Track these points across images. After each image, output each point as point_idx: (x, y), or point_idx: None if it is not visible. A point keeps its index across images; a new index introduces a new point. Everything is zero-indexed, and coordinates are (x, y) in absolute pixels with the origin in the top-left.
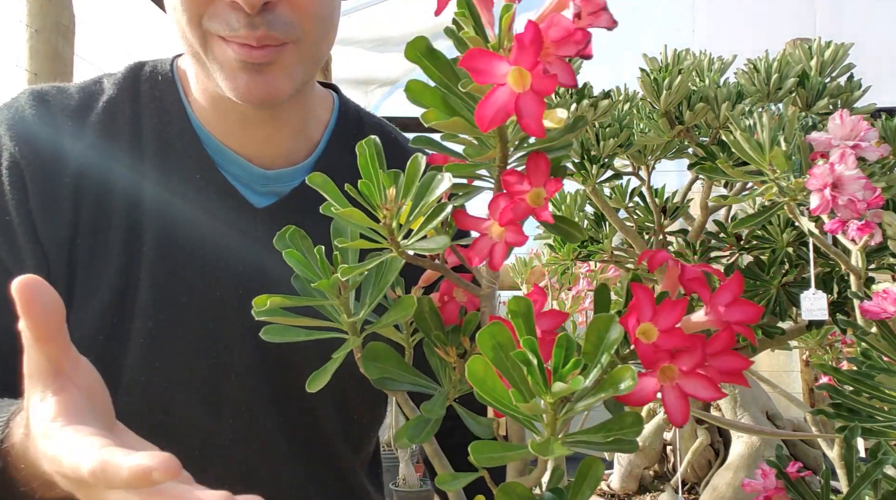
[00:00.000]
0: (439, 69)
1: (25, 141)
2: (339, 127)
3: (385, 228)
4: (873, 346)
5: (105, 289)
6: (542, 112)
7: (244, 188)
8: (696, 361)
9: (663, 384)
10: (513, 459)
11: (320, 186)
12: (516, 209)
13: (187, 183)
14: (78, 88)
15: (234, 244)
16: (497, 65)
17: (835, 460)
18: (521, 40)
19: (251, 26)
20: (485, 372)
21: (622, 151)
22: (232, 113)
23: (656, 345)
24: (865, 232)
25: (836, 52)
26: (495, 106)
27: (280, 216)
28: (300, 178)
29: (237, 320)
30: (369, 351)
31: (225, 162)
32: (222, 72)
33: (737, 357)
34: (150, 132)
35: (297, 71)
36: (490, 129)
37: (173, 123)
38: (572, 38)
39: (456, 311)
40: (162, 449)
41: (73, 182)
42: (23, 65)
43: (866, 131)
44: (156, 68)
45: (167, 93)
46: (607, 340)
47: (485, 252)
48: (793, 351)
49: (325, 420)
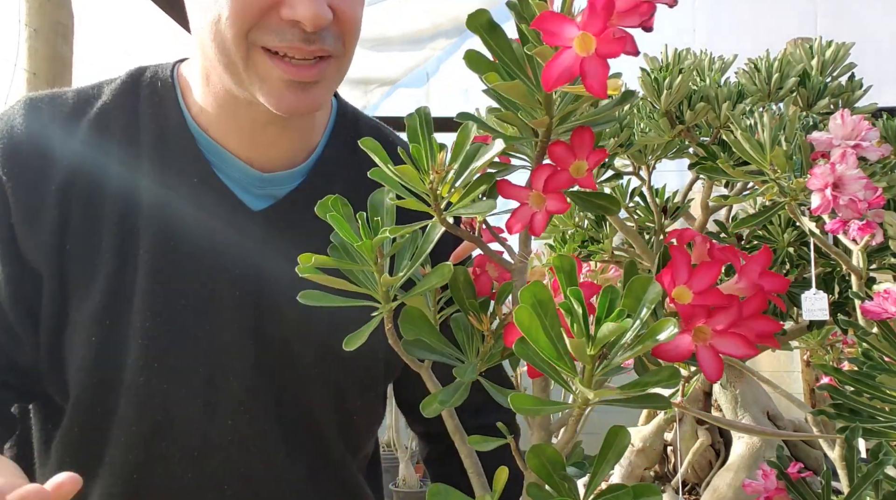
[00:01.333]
0: (496, 42)
1: (12, 152)
2: (336, 130)
3: (431, 192)
4: (874, 346)
5: (98, 292)
6: (606, 74)
7: (241, 191)
8: (732, 319)
9: (697, 344)
10: (552, 411)
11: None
12: (560, 178)
13: (184, 186)
14: (74, 93)
15: (230, 246)
16: (567, 27)
17: (836, 460)
18: (593, 5)
19: (307, 41)
20: (530, 321)
21: (623, 151)
22: (243, 119)
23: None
24: (866, 232)
25: (837, 52)
26: (561, 66)
27: (276, 219)
28: (297, 180)
29: (235, 322)
30: (406, 314)
31: (222, 165)
32: (264, 87)
33: (768, 320)
34: (148, 135)
35: (334, 84)
36: (554, 88)
37: (171, 126)
38: (638, 9)
39: (488, 284)
40: (162, 449)
41: (61, 188)
42: (21, 64)
43: (867, 131)
44: (156, 73)
45: (166, 97)
46: (646, 297)
47: (524, 220)
48: (794, 351)
49: (322, 421)
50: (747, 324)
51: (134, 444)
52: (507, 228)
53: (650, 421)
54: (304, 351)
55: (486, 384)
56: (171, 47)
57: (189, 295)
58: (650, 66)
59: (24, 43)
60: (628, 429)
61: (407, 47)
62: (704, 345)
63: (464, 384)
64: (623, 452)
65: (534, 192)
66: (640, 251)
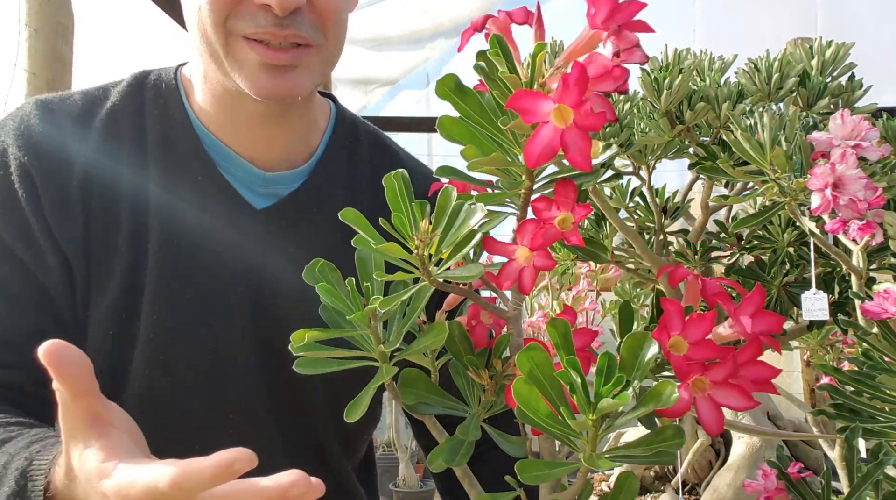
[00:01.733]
0: (469, 104)
1: (33, 149)
2: (336, 134)
3: (417, 257)
4: (874, 346)
5: (114, 287)
6: (588, 147)
7: (244, 189)
8: (728, 371)
9: (696, 396)
10: (560, 475)
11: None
12: (546, 234)
13: (189, 184)
14: (82, 95)
15: (234, 243)
16: (542, 104)
17: (836, 460)
18: (566, 80)
19: (279, 26)
20: (529, 393)
21: (622, 151)
22: (239, 114)
23: (688, 357)
24: (866, 232)
25: (837, 52)
26: (542, 143)
27: (278, 217)
28: (299, 181)
29: (237, 318)
30: (405, 378)
31: (226, 163)
32: (242, 72)
33: (765, 366)
34: (154, 136)
35: (316, 73)
36: (539, 165)
37: (176, 127)
38: (611, 74)
39: (484, 334)
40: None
41: (81, 186)
42: (21, 64)
43: (867, 131)
44: (160, 76)
45: (170, 99)
46: (642, 357)
47: (514, 276)
48: (794, 351)
49: (318, 422)
50: (744, 372)
51: None
52: (496, 284)
53: None
54: None
55: (492, 432)
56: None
57: (193, 289)
58: (650, 66)
59: (24, 43)
60: (628, 429)
61: (407, 47)
62: (703, 396)
63: (466, 442)
64: (634, 494)
65: (520, 247)
66: (640, 251)
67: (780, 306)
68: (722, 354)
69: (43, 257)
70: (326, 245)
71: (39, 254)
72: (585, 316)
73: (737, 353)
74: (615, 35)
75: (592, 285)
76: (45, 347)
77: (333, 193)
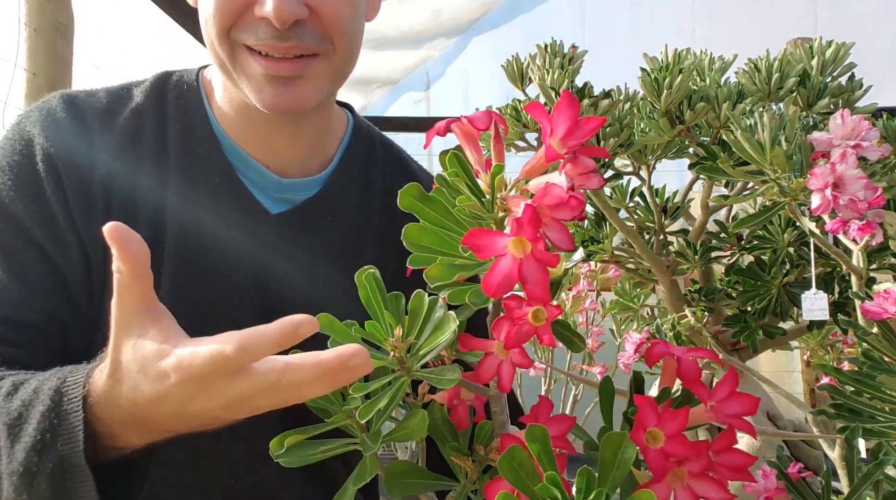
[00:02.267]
0: (435, 210)
1: (59, 141)
2: (352, 144)
3: (395, 360)
4: (874, 346)
5: None
6: (546, 279)
7: (260, 194)
8: (703, 465)
9: (675, 487)
10: None
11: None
12: (519, 333)
13: (207, 186)
14: (106, 93)
15: (249, 246)
16: (497, 240)
17: (836, 460)
18: (520, 222)
19: (280, 38)
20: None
21: (623, 151)
22: (256, 121)
23: (665, 451)
24: (867, 232)
25: (837, 52)
26: (500, 275)
27: (293, 223)
28: (314, 188)
29: (250, 318)
30: (389, 474)
31: (244, 167)
32: (249, 83)
33: (741, 454)
34: (175, 137)
35: (324, 83)
36: (497, 296)
37: (196, 128)
38: (567, 204)
39: (465, 413)
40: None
41: (104, 182)
42: (21, 64)
43: (867, 131)
44: (182, 78)
45: (192, 100)
46: (621, 457)
47: (492, 372)
48: (794, 351)
49: None
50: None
51: None
52: (476, 378)
53: None
54: None
55: None
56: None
57: (204, 290)
58: (650, 66)
59: (24, 43)
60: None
61: (407, 47)
62: (682, 486)
63: None
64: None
65: (497, 342)
66: (640, 251)
67: (780, 306)
68: (696, 450)
69: (65, 246)
70: (338, 254)
71: (61, 243)
72: (585, 316)
73: (713, 442)
74: (571, 162)
75: (592, 285)
76: (108, 226)
77: (347, 202)
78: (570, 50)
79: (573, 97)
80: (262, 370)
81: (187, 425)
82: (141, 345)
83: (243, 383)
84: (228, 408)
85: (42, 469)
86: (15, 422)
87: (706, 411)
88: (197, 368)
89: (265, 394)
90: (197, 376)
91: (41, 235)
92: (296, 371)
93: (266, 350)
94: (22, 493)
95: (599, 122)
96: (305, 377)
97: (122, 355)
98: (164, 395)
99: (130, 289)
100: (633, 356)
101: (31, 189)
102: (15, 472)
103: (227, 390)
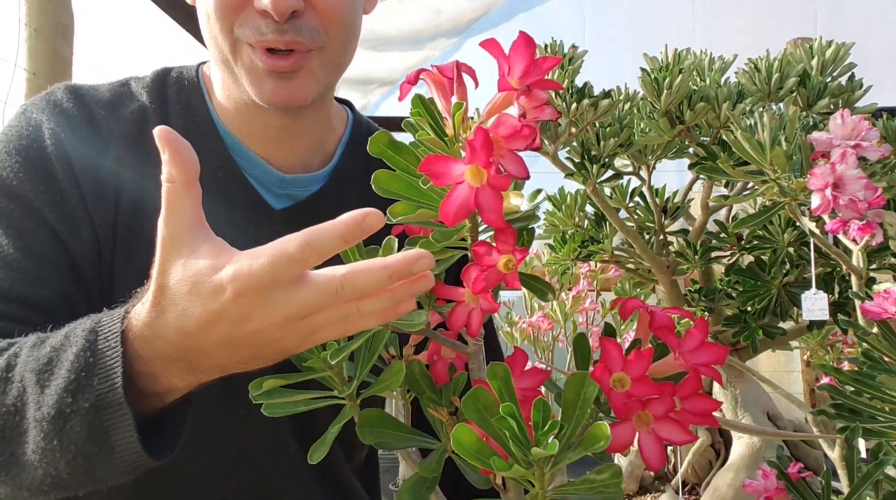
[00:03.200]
0: (403, 158)
1: (69, 127)
2: (352, 140)
3: None
4: (874, 346)
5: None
6: (500, 206)
7: (263, 190)
8: (666, 406)
9: (639, 430)
10: None
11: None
12: (488, 278)
13: (211, 182)
14: (108, 87)
15: (253, 242)
16: (453, 166)
17: (836, 460)
18: (472, 145)
19: (279, 32)
20: (469, 440)
21: (623, 151)
22: (256, 117)
23: (629, 394)
24: (866, 232)
25: (837, 52)
26: (457, 202)
27: (295, 219)
28: (317, 185)
29: None
30: (363, 419)
31: (246, 163)
32: (249, 78)
33: (706, 399)
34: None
35: (321, 76)
36: (456, 223)
37: (198, 124)
38: (520, 134)
39: (445, 370)
40: None
41: (114, 170)
42: (21, 64)
43: (867, 131)
44: (182, 74)
45: (193, 97)
46: (584, 395)
47: (462, 319)
48: (794, 351)
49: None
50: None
51: None
52: (449, 325)
53: None
54: None
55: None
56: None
57: None
58: (650, 66)
59: (24, 43)
60: None
61: (407, 47)
62: (647, 430)
63: (429, 479)
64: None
65: (467, 290)
66: (640, 251)
67: (780, 306)
68: (660, 390)
69: (76, 227)
70: None
71: (73, 224)
72: (585, 316)
73: (676, 387)
74: (525, 94)
75: (592, 285)
76: (159, 129)
77: (349, 198)
78: (570, 50)
79: (529, 38)
80: (323, 277)
81: (235, 356)
82: (192, 263)
83: (303, 292)
84: (284, 327)
85: (76, 411)
86: (45, 367)
87: (675, 358)
88: (255, 274)
89: (325, 312)
90: (255, 286)
91: (52, 217)
92: (359, 275)
93: (332, 246)
94: (52, 439)
95: (555, 61)
96: (369, 281)
97: (169, 278)
98: (217, 314)
99: (182, 200)
100: None
101: (42, 172)
102: (45, 417)
103: (286, 303)
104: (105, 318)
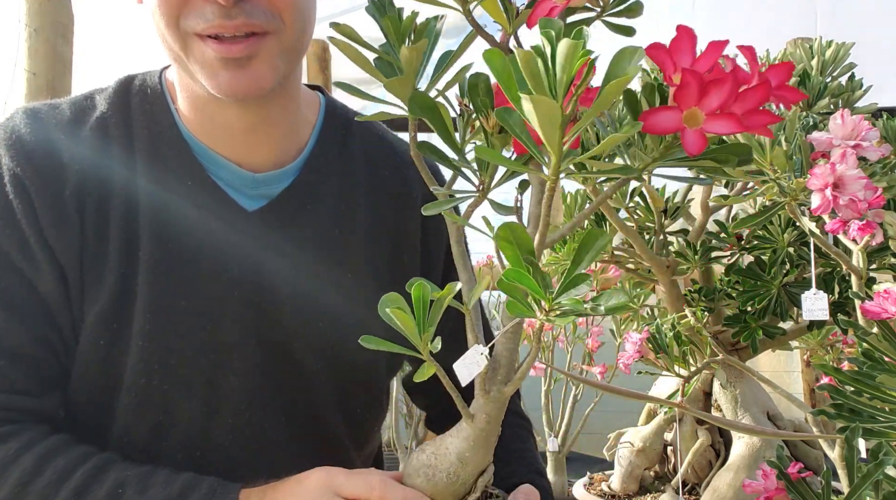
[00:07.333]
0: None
1: (25, 159)
2: (326, 127)
3: None
4: (874, 346)
5: (106, 295)
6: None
7: (235, 192)
8: (725, 96)
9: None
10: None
11: None
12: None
13: (179, 189)
14: (69, 103)
15: (228, 247)
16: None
17: (836, 460)
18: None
19: (227, 16)
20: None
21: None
22: (219, 117)
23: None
24: (866, 232)
25: (838, 52)
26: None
27: (271, 218)
28: (289, 179)
29: (236, 322)
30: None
31: (215, 167)
32: (203, 71)
33: (766, 113)
34: (142, 144)
35: (278, 62)
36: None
37: (163, 133)
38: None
39: None
40: (162, 449)
41: (75, 194)
42: (21, 64)
43: (867, 131)
44: (145, 81)
45: (156, 105)
46: None
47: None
48: (794, 351)
49: (327, 418)
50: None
51: (134, 444)
52: None
53: (650, 421)
54: (307, 348)
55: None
56: None
57: (189, 296)
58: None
59: (24, 43)
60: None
61: None
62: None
63: None
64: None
65: None
66: (640, 251)
67: (780, 306)
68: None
69: (39, 267)
70: (324, 239)
71: (36, 265)
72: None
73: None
74: None
75: (593, 285)
76: None
77: (327, 187)
78: None
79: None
80: None
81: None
82: None
83: None
84: None
85: None
86: None
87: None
88: None
89: None
90: None
91: (18, 258)
92: None
93: None
94: None
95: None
96: None
97: None
98: None
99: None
100: (633, 356)
101: (3, 212)
102: None
103: None
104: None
